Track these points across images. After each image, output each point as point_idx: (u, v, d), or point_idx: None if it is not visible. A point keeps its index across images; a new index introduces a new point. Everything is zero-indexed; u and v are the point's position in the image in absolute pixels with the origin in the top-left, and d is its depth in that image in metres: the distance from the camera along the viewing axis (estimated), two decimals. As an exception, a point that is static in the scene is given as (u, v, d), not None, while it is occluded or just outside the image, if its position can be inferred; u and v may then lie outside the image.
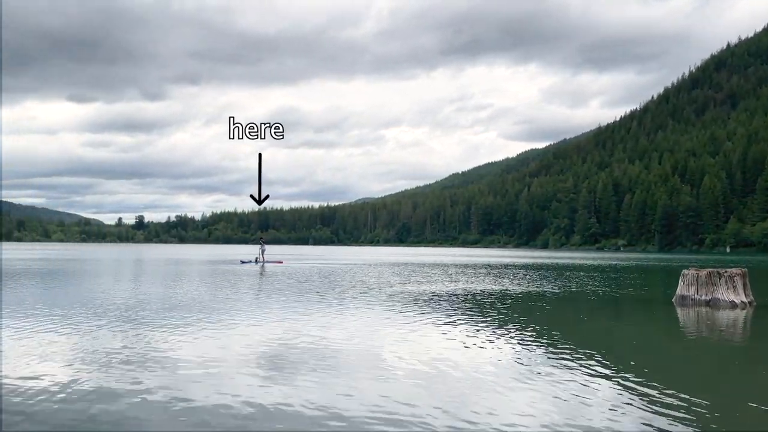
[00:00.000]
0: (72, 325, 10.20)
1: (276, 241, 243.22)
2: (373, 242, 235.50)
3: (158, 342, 8.67)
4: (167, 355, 7.69)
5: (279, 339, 9.07)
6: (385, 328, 10.46)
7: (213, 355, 7.77)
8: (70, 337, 8.95)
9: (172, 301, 14.43)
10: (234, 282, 21.60)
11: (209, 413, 5.20)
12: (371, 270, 31.26)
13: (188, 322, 10.66)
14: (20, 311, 11.95)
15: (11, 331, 9.50)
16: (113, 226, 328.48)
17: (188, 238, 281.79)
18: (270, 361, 7.52)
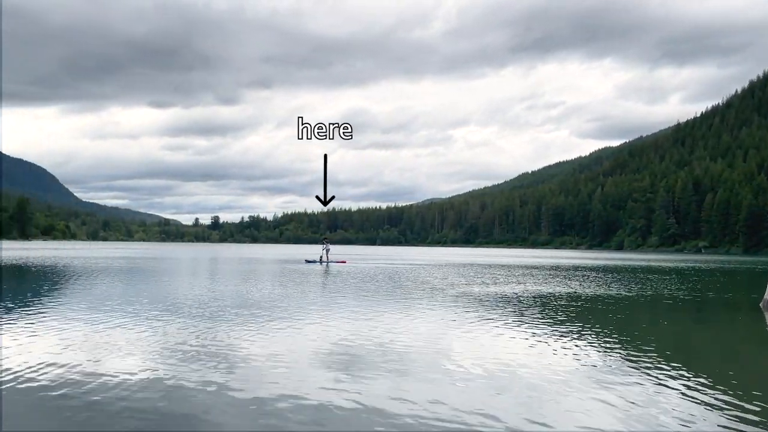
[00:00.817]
0: (150, 321, 10.66)
1: (344, 242, 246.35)
2: (441, 243, 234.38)
3: (231, 339, 8.90)
4: (239, 353, 7.85)
5: (346, 338, 9.11)
6: (452, 330, 10.35)
7: (283, 354, 7.87)
8: (148, 333, 9.33)
9: (243, 299, 14.84)
10: (300, 281, 21.99)
11: (280, 412, 5.26)
12: (436, 271, 31.08)
13: (259, 320, 10.93)
14: (102, 307, 12.61)
15: (93, 325, 10.05)
16: (190, 227, 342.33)
17: (260, 238, 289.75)
18: (338, 360, 7.56)
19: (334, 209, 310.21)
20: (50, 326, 9.75)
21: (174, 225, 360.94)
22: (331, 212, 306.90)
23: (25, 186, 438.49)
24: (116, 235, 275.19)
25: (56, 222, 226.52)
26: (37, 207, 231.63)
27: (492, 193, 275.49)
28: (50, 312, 11.63)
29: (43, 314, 11.26)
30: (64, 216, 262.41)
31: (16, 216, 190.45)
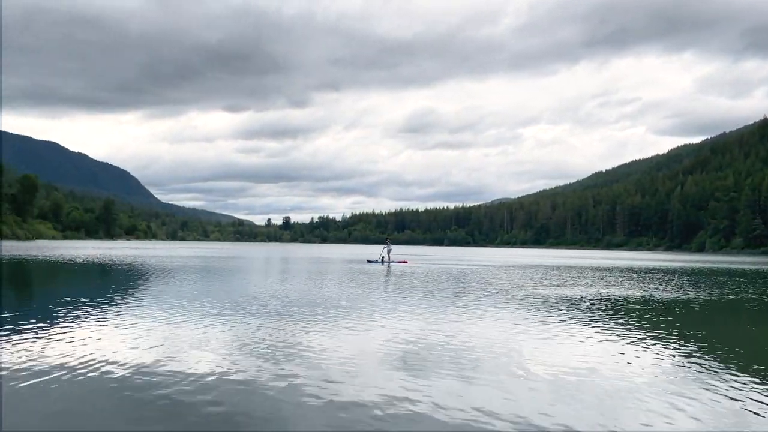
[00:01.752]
0: (224, 318, 11.05)
1: (412, 242, 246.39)
2: (510, 244, 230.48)
3: (300, 338, 9.06)
4: (310, 351, 7.98)
5: (413, 339, 9.10)
6: (519, 332, 10.18)
7: (352, 353, 7.94)
8: (222, 330, 9.65)
9: (310, 298, 15.14)
10: (364, 281, 22.21)
11: (349, 411, 5.31)
12: (502, 272, 30.62)
13: (327, 320, 11.11)
14: (180, 304, 13.20)
15: (171, 322, 10.54)
16: (263, 227, 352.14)
17: (330, 238, 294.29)
18: (406, 361, 7.56)
19: (401, 209, 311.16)
20: (131, 322, 10.29)
21: (247, 225, 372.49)
22: (398, 213, 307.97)
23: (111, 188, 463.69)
24: (193, 235, 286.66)
25: (138, 222, 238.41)
26: (121, 208, 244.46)
27: (563, 193, 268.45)
28: (131, 308, 12.30)
29: (124, 310, 11.91)
30: (145, 217, 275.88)
31: (102, 217, 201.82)
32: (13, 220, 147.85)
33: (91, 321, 10.22)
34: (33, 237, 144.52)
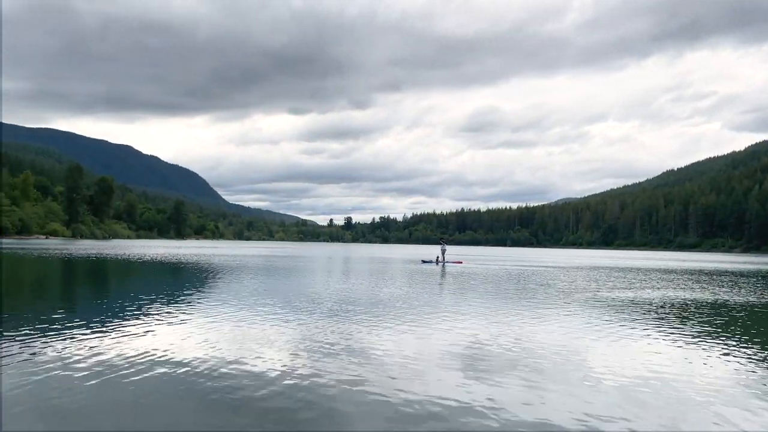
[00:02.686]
0: (288, 316, 11.31)
1: (473, 243, 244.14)
2: (575, 245, 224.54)
3: (363, 337, 9.16)
4: (373, 351, 8.04)
5: (475, 341, 9.03)
6: (583, 335, 9.95)
7: (415, 354, 7.93)
8: (287, 328, 9.88)
9: (370, 298, 15.27)
10: (419, 281, 22.22)
11: (412, 411, 5.33)
12: (564, 273, 29.91)
13: (388, 319, 11.19)
14: (246, 302, 13.61)
15: (236, 320, 10.87)
16: (325, 227, 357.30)
17: (391, 238, 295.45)
18: (468, 362, 7.51)
19: (463, 210, 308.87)
20: (198, 319, 10.72)
21: (310, 225, 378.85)
22: (460, 213, 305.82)
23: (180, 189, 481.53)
24: (259, 235, 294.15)
25: (207, 222, 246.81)
26: (191, 209, 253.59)
27: (632, 192, 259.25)
28: (199, 306, 12.78)
29: (193, 308, 12.40)
30: (213, 217, 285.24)
31: (173, 217, 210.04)
32: (91, 220, 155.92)
33: (161, 317, 10.70)
34: (109, 236, 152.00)
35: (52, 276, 22.66)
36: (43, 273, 23.69)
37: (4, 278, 20.77)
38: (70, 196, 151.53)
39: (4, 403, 5.15)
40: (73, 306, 13.09)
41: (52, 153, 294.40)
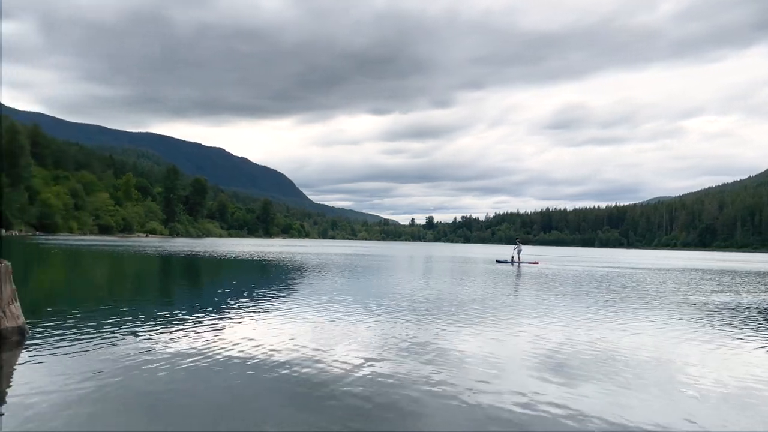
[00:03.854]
0: (368, 314, 11.51)
1: (558, 243, 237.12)
2: (669, 246, 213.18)
3: (443, 337, 9.19)
4: (453, 351, 8.05)
5: (558, 343, 8.85)
6: (673, 339, 9.54)
7: (495, 355, 7.86)
8: (367, 327, 10.06)
9: (447, 297, 15.22)
10: (496, 281, 21.92)
11: (492, 413, 5.30)
12: (653, 275, 28.54)
13: (465, 319, 11.17)
14: (327, 300, 13.99)
15: (319, 316, 11.20)
16: (407, 226, 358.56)
17: (473, 237, 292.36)
18: (550, 364, 7.39)
19: (548, 209, 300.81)
20: (283, 316, 11.12)
21: (392, 225, 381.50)
22: (544, 212, 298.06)
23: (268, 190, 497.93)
24: (342, 234, 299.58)
25: (293, 222, 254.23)
26: (278, 209, 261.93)
27: (733, 191, 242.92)
28: (284, 302, 13.28)
29: (278, 304, 12.89)
30: (299, 216, 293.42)
31: (261, 216, 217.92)
32: (187, 219, 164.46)
33: (250, 314, 11.24)
34: (203, 234, 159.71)
35: (151, 272, 24.25)
36: (144, 269, 25.40)
37: (109, 274, 22.47)
38: (168, 196, 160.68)
39: (100, 398, 5.66)
40: (169, 301, 13.99)
41: (151, 156, 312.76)
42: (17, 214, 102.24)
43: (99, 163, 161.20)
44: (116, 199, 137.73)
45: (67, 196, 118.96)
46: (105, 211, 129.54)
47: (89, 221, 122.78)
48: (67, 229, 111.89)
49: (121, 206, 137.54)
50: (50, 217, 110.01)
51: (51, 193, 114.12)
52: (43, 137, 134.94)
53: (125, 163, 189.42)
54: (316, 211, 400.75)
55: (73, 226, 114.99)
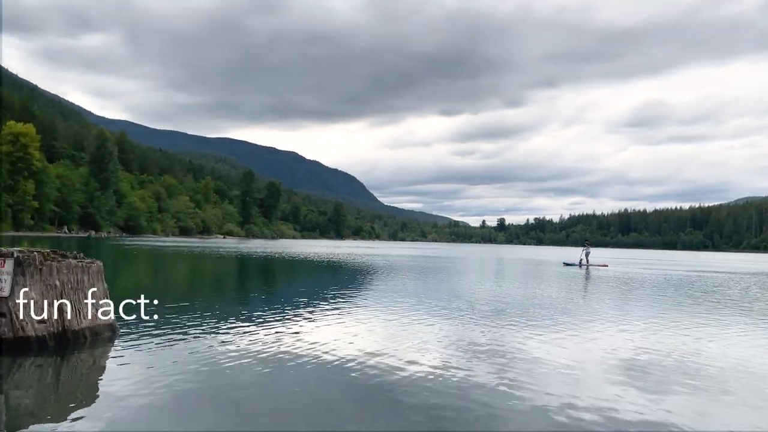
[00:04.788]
0: (438, 317, 11.49)
1: (638, 245, 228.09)
2: (760, 248, 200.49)
3: (513, 340, 9.08)
4: (525, 355, 7.94)
5: (634, 349, 8.55)
6: (758, 347, 9.08)
7: (569, 360, 7.69)
8: (437, 329, 10.04)
9: (515, 299, 14.98)
10: (565, 285, 21.34)
11: (566, 419, 5.22)
12: (736, 280, 26.93)
13: (535, 323, 10.98)
14: (397, 301, 14.08)
15: (388, 317, 11.28)
16: (478, 228, 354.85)
17: (546, 240, 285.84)
18: (627, 371, 7.17)
19: (626, 210, 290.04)
20: (353, 316, 11.30)
21: (462, 226, 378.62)
22: (622, 214, 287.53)
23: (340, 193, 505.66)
24: (412, 236, 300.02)
25: (363, 224, 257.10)
26: (349, 211, 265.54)
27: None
28: (354, 303, 13.50)
29: (348, 304, 13.11)
30: (369, 218, 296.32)
31: (333, 218, 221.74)
32: (262, 221, 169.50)
33: (320, 313, 11.46)
34: (277, 236, 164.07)
35: (229, 272, 25.21)
36: (223, 269, 26.43)
37: (190, 274, 23.53)
38: (244, 199, 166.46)
39: (184, 394, 5.97)
40: (245, 299, 14.51)
41: (228, 160, 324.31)
42: (106, 216, 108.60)
43: (180, 168, 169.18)
44: (196, 202, 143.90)
45: (151, 200, 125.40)
46: (186, 213, 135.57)
47: (171, 223, 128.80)
48: (151, 231, 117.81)
49: (201, 209, 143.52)
50: (136, 219, 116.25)
51: (136, 196, 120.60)
52: (129, 144, 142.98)
53: (204, 168, 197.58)
54: (386, 213, 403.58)
55: (156, 228, 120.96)
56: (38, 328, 6.80)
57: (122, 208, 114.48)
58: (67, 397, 5.54)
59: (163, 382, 5.84)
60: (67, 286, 7.10)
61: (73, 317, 7.13)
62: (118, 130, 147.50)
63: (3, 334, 6.60)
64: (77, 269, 7.26)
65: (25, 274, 6.78)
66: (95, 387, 5.80)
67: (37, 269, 6.86)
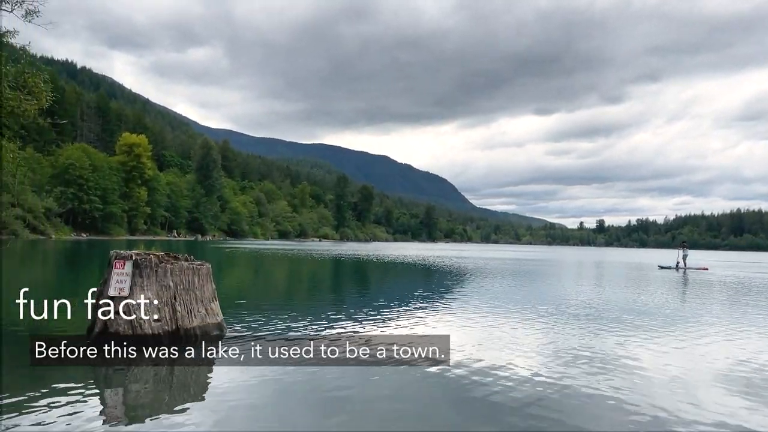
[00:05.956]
0: (537, 321, 11.24)
1: (753, 248, 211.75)
2: None
3: (614, 346, 8.76)
4: (627, 362, 7.66)
5: (746, 359, 8.03)
6: None
7: (676, 368, 7.36)
8: (535, 333, 9.85)
9: (614, 304, 14.28)
10: (662, 289, 20.03)
11: (670, 428, 5.02)
12: None
13: (629, 328, 10.47)
14: (492, 304, 13.87)
15: (486, 322, 11.14)
16: (575, 230, 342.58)
17: (649, 242, 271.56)
18: (736, 381, 6.76)
19: (738, 210, 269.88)
20: (447, 320, 11.29)
21: (559, 228, 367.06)
22: (734, 214, 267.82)
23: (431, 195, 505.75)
24: (505, 238, 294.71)
25: (455, 226, 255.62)
26: (441, 213, 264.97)
27: None
28: (449, 307, 13.41)
29: (443, 308, 13.07)
30: (461, 221, 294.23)
31: (425, 221, 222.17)
32: (355, 224, 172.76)
33: (416, 316, 11.47)
34: (370, 239, 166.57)
35: (326, 273, 25.82)
36: (319, 271, 27.12)
37: (289, 275, 24.30)
38: (338, 203, 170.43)
39: (288, 392, 6.10)
40: (340, 301, 14.74)
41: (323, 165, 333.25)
42: (211, 220, 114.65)
43: (278, 174, 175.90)
44: (293, 207, 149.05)
45: (252, 205, 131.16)
46: (284, 217, 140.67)
47: (270, 227, 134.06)
48: (252, 234, 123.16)
49: (298, 213, 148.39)
50: (238, 223, 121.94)
51: (238, 201, 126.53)
52: (231, 151, 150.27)
53: (300, 173, 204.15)
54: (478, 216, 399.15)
55: (257, 232, 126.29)
56: (154, 326, 7.22)
57: (225, 212, 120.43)
58: (179, 392, 5.85)
59: (268, 382, 6.03)
60: (179, 287, 7.50)
61: (185, 317, 7.53)
62: (221, 139, 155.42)
63: (123, 332, 7.06)
64: (188, 271, 7.65)
65: (143, 276, 7.24)
66: (205, 384, 6.08)
67: (153, 271, 7.30)
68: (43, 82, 10.43)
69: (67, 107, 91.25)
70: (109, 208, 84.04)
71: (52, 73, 14.02)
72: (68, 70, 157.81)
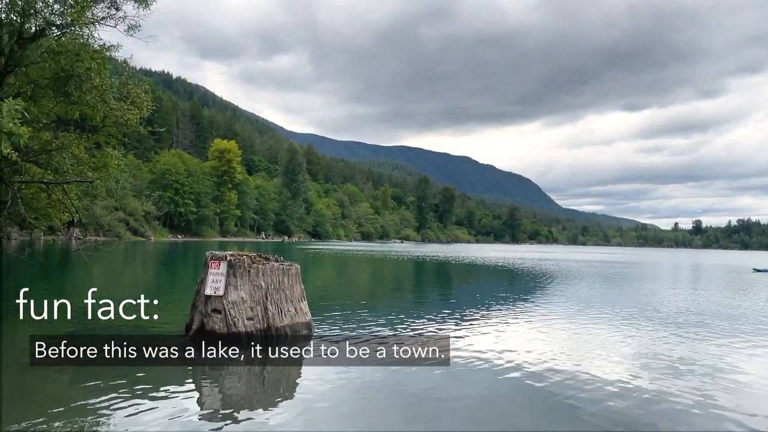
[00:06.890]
0: (625, 325, 10.87)
1: None
2: None
3: (701, 351, 8.39)
4: (714, 367, 7.36)
5: None
6: None
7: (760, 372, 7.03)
8: (622, 338, 9.53)
9: (708, 309, 13.57)
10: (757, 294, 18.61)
11: None
12: None
13: (723, 334, 9.95)
14: (579, 308, 13.49)
15: (571, 325, 10.89)
16: (669, 231, 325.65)
17: (753, 244, 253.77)
18: None
19: None
20: (534, 322, 11.03)
21: (651, 230, 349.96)
22: None
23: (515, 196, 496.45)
24: (594, 240, 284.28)
25: (540, 227, 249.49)
26: (525, 214, 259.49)
27: None
28: (537, 309, 13.13)
29: (529, 310, 12.80)
30: (546, 222, 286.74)
31: (508, 222, 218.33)
32: (437, 226, 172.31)
33: (499, 318, 11.34)
34: (452, 240, 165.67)
35: (407, 275, 25.92)
36: (401, 272, 27.26)
37: (372, 276, 24.57)
38: (420, 204, 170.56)
39: (368, 395, 6.17)
40: (423, 302, 14.77)
41: (404, 167, 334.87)
42: (297, 222, 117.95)
43: (360, 176, 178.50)
44: (375, 209, 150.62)
45: (335, 207, 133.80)
46: (366, 219, 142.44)
47: (353, 229, 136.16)
48: (335, 236, 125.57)
49: (380, 215, 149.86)
50: (322, 225, 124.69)
51: (322, 204, 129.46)
52: (315, 155, 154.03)
53: (382, 175, 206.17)
54: (564, 216, 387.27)
55: (340, 233, 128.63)
56: (247, 325, 7.52)
57: (310, 215, 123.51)
58: (271, 388, 6.08)
59: (355, 381, 6.15)
60: (270, 287, 7.77)
61: (276, 316, 7.78)
62: (306, 143, 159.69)
63: (219, 330, 7.39)
64: (279, 271, 7.91)
65: (236, 276, 7.55)
66: (295, 382, 6.28)
67: (246, 271, 7.60)
68: (144, 92, 11.09)
69: (164, 116, 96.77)
70: (203, 211, 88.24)
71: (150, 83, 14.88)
72: (164, 80, 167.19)
